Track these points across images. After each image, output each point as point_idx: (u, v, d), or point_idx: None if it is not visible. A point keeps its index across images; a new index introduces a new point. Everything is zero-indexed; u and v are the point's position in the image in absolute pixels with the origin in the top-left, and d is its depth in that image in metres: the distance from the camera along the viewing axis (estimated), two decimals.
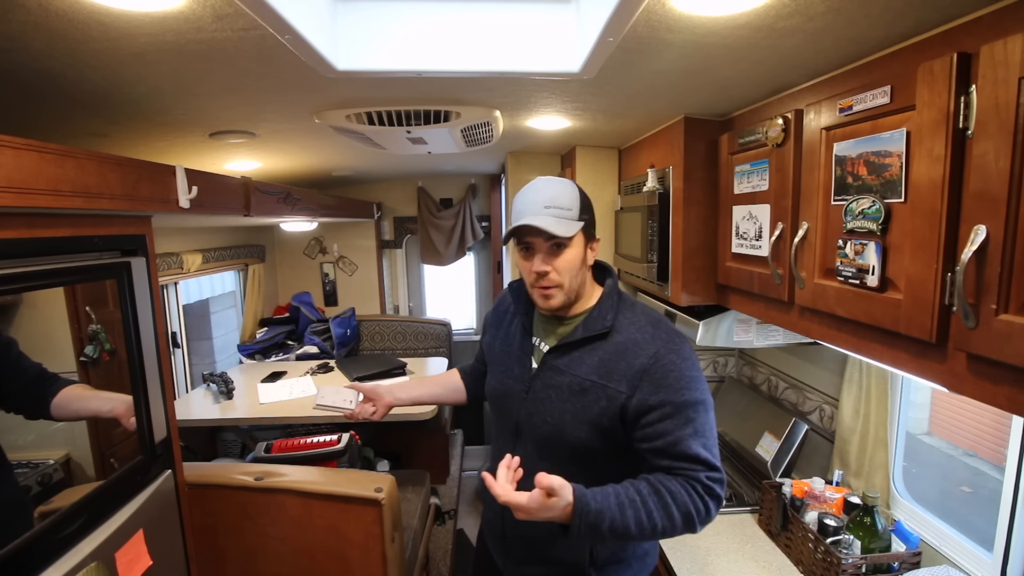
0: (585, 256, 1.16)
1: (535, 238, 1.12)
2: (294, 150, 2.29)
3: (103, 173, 1.10)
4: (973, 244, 0.76)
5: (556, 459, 1.15)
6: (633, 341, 1.12)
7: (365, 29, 1.12)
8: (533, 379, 1.20)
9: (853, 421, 1.65)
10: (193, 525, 1.45)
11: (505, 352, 1.30)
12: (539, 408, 1.18)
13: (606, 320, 1.15)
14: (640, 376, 1.08)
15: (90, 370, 1.18)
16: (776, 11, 0.87)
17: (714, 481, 1.05)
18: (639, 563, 1.28)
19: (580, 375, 1.13)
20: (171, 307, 2.90)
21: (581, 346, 1.15)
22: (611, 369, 1.11)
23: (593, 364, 1.13)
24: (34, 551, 0.97)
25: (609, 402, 1.10)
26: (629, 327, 1.14)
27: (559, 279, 1.13)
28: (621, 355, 1.11)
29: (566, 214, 1.11)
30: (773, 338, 1.73)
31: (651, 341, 1.11)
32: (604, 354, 1.12)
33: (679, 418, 1.06)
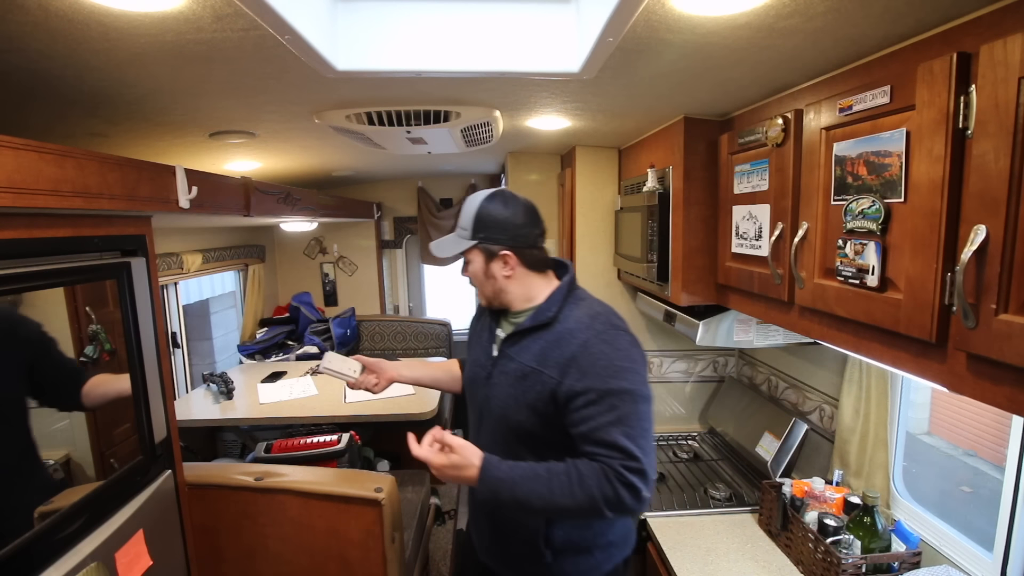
0: (488, 270, 1.28)
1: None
2: (294, 150, 2.29)
3: (103, 173, 1.10)
4: (973, 244, 0.76)
5: (507, 441, 1.26)
6: (568, 330, 1.20)
7: (365, 29, 1.12)
8: (494, 365, 1.32)
9: (853, 421, 1.65)
10: (193, 525, 1.45)
11: (477, 343, 1.44)
12: (494, 392, 1.29)
13: (550, 311, 1.24)
14: (569, 363, 1.16)
15: (90, 370, 1.18)
16: (776, 11, 0.87)
17: (630, 471, 1.08)
18: (603, 553, 1.32)
19: (523, 362, 1.23)
20: (171, 307, 2.90)
21: (528, 335, 1.26)
22: (547, 356, 1.20)
23: (535, 352, 1.22)
24: (34, 551, 0.97)
25: (543, 387, 1.18)
26: (569, 318, 1.23)
27: (475, 284, 1.33)
28: (556, 343, 1.20)
29: (463, 233, 1.29)
30: (773, 338, 1.73)
31: (583, 330, 1.18)
32: (544, 343, 1.22)
33: (602, 405, 1.12)
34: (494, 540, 1.39)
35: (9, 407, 0.97)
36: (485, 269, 1.29)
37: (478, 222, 1.26)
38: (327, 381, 3.07)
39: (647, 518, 1.75)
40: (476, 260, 1.29)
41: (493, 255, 1.27)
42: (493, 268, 1.28)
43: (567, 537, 1.29)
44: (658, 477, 2.08)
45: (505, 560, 1.37)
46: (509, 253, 1.26)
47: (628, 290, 2.59)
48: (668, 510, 1.79)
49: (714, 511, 1.79)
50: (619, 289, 2.59)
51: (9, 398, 0.97)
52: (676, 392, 2.62)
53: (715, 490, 1.89)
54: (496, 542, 1.38)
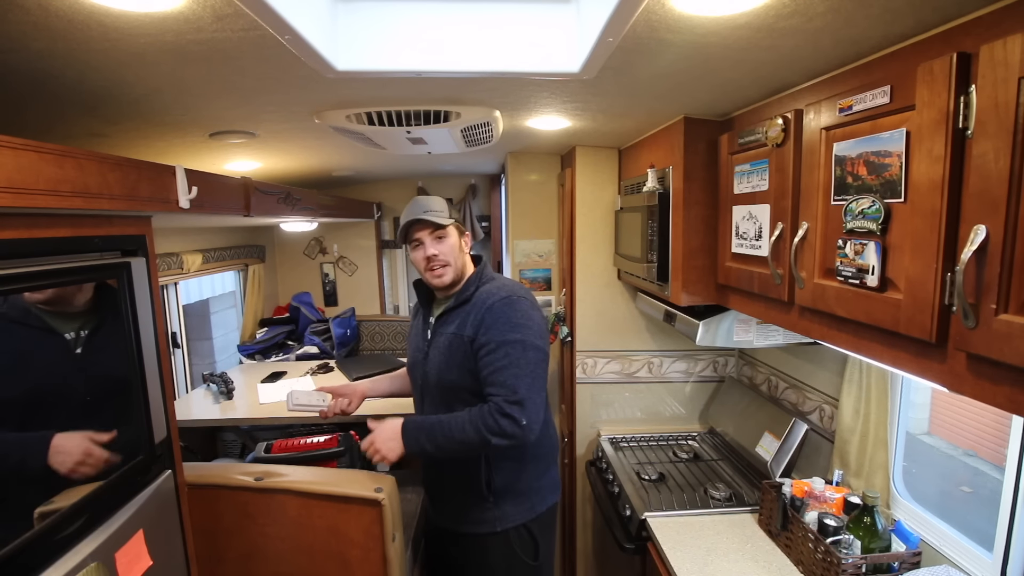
0: (460, 244, 1.61)
1: (421, 232, 1.57)
2: (294, 150, 2.29)
3: (103, 173, 1.10)
4: (973, 244, 0.76)
5: (446, 402, 1.57)
6: (480, 300, 1.53)
7: (365, 29, 1.12)
8: (429, 345, 1.62)
9: (853, 421, 1.65)
10: (193, 525, 1.45)
11: (414, 335, 1.74)
12: (430, 366, 1.59)
13: (470, 289, 1.58)
14: (479, 323, 1.49)
15: None
16: (776, 11, 0.87)
17: (510, 403, 1.39)
18: (536, 496, 1.64)
19: (450, 332, 1.55)
20: (171, 307, 2.90)
21: (453, 311, 1.58)
22: (465, 323, 1.53)
23: (457, 323, 1.55)
24: (34, 551, 0.97)
25: (463, 345, 1.51)
26: (481, 293, 1.56)
27: (446, 258, 1.57)
28: (472, 311, 1.53)
29: (440, 214, 1.57)
30: (773, 338, 1.73)
31: (491, 297, 1.52)
32: (463, 314, 1.55)
33: (499, 353, 1.44)
34: (446, 499, 1.68)
35: None
36: (459, 242, 1.61)
37: (449, 209, 1.61)
38: (327, 381, 3.07)
39: (647, 518, 1.76)
40: (454, 234, 1.60)
41: (460, 233, 1.63)
42: (462, 243, 1.62)
43: (504, 482, 1.59)
44: (658, 477, 2.08)
45: (456, 515, 1.65)
46: (468, 232, 1.68)
47: (628, 290, 2.59)
48: (668, 510, 1.79)
49: (714, 511, 1.79)
50: (619, 289, 2.59)
51: None
52: (676, 392, 2.62)
53: (715, 490, 1.89)
54: (448, 500, 1.67)
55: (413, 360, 1.70)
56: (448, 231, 1.58)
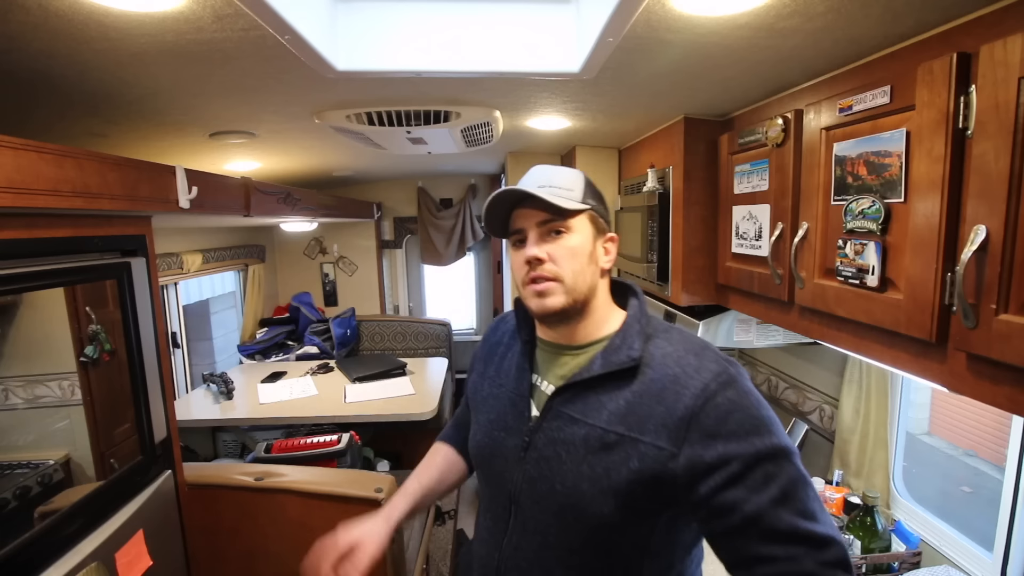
0: (594, 250, 0.89)
1: (526, 220, 0.87)
2: (294, 150, 2.29)
3: (103, 173, 1.11)
4: (973, 244, 0.75)
5: (568, 545, 0.84)
6: (672, 377, 0.81)
7: (365, 29, 1.12)
8: (534, 431, 0.89)
9: (853, 421, 1.65)
10: (193, 525, 1.45)
11: (495, 396, 0.98)
12: (544, 472, 0.86)
13: (633, 349, 0.84)
14: (687, 424, 0.77)
15: (90, 370, 1.18)
16: (776, 11, 0.87)
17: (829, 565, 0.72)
18: None
19: (601, 425, 0.82)
20: (171, 307, 2.90)
21: (600, 385, 0.85)
22: (644, 416, 0.80)
23: (618, 410, 0.82)
24: (34, 551, 0.97)
25: (643, 463, 0.79)
26: (665, 359, 0.83)
27: (557, 270, 0.85)
28: (657, 397, 0.81)
29: (564, 193, 0.86)
30: (773, 338, 1.73)
31: (696, 374, 0.80)
32: (633, 396, 0.82)
33: (753, 479, 0.75)
34: None
35: None
36: (592, 248, 0.88)
37: (591, 188, 0.90)
38: (327, 381, 3.07)
39: None
40: (583, 231, 0.87)
41: (601, 231, 0.91)
42: (597, 251, 0.89)
43: None
44: None
45: None
46: (615, 236, 0.93)
47: None
48: None
49: None
50: None
51: None
52: None
53: None
54: None
55: (493, 446, 0.95)
56: (572, 222, 0.87)
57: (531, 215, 0.87)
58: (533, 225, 0.87)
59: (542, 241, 0.87)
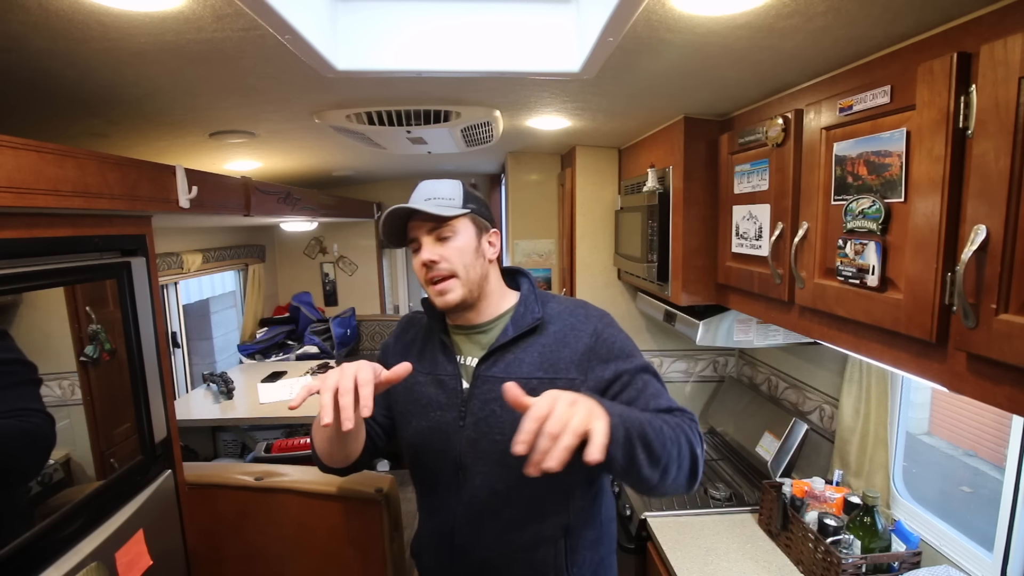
0: (479, 245, 1.06)
1: (418, 230, 1.04)
2: (294, 150, 2.29)
3: (103, 173, 1.11)
4: (973, 244, 0.76)
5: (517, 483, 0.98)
6: (570, 326, 1.06)
7: (365, 29, 1.12)
8: (467, 400, 1.04)
9: (853, 421, 1.65)
10: (193, 525, 1.45)
11: (420, 383, 1.09)
12: (484, 430, 1.02)
13: (535, 313, 1.07)
14: (588, 356, 1.02)
15: (90, 370, 1.18)
16: (776, 11, 0.87)
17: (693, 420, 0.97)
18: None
19: (523, 375, 1.01)
20: (171, 307, 2.90)
21: (514, 346, 1.05)
22: (556, 360, 1.03)
23: (534, 361, 1.03)
24: (34, 551, 0.97)
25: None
26: (561, 314, 1.08)
27: (450, 267, 1.02)
28: (562, 343, 1.04)
29: (446, 203, 1.03)
30: (773, 338, 1.73)
31: (587, 320, 1.06)
32: (544, 348, 1.04)
33: (637, 383, 1.00)
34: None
35: None
36: (477, 243, 1.06)
37: (467, 195, 1.07)
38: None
39: (647, 517, 1.75)
40: (466, 231, 1.04)
41: (483, 229, 1.08)
42: (482, 245, 1.07)
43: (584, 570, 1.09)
44: None
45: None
46: (496, 231, 1.11)
47: (628, 290, 2.59)
48: (668, 510, 1.79)
49: (714, 511, 1.79)
50: (619, 289, 2.59)
51: None
52: (676, 392, 2.62)
53: (715, 490, 1.89)
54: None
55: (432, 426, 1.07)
56: (455, 226, 1.03)
57: (421, 225, 1.04)
58: (424, 233, 1.04)
59: (434, 245, 1.03)
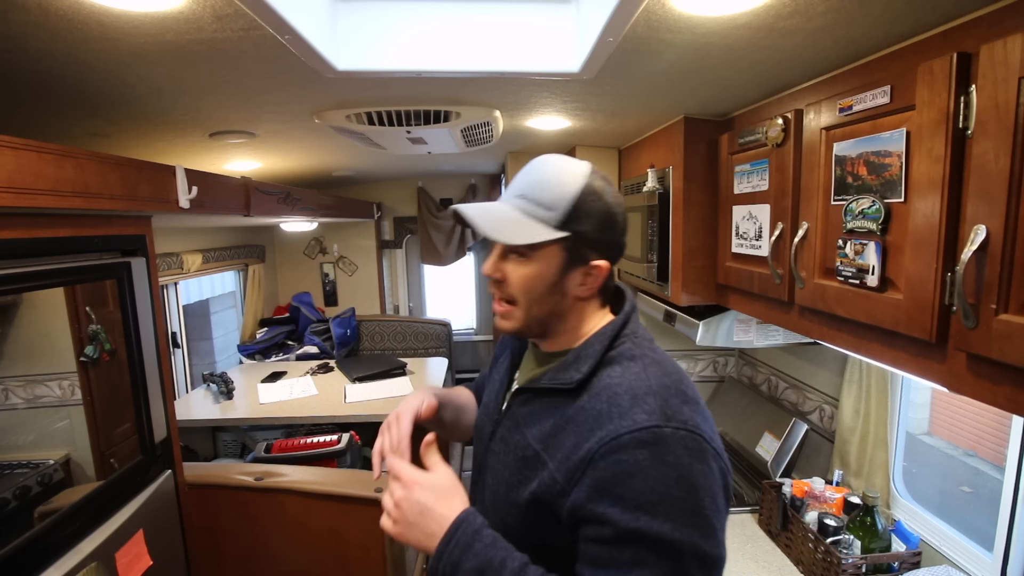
0: (561, 281, 0.78)
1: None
2: (294, 150, 2.29)
3: (103, 173, 1.11)
4: (973, 244, 0.75)
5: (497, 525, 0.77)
6: (596, 413, 0.71)
7: (365, 29, 1.12)
8: (498, 424, 0.88)
9: (853, 421, 1.65)
10: (193, 525, 1.45)
11: (493, 381, 0.98)
12: (491, 462, 0.86)
13: (580, 368, 0.76)
14: (584, 467, 0.68)
15: (90, 370, 1.18)
16: (776, 11, 0.87)
17: None
18: None
19: (528, 439, 0.78)
20: (171, 307, 2.90)
21: (545, 397, 0.80)
22: (559, 443, 0.73)
23: (545, 429, 0.77)
24: (34, 551, 0.97)
25: (541, 488, 0.73)
26: (603, 391, 0.73)
27: (512, 295, 0.80)
28: (578, 428, 0.72)
29: (539, 213, 0.77)
30: (773, 338, 1.73)
31: (617, 418, 0.69)
32: (562, 419, 0.75)
33: (622, 552, 0.64)
34: None
35: None
36: (557, 279, 0.78)
37: (577, 207, 0.77)
38: (327, 381, 3.07)
39: None
40: (549, 261, 0.78)
41: (580, 262, 0.79)
42: (569, 281, 0.79)
43: None
44: None
45: None
46: (603, 264, 0.80)
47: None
48: None
49: None
50: None
51: None
52: None
53: None
54: None
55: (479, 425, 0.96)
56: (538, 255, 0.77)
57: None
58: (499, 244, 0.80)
59: (502, 259, 0.80)
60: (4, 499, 0.99)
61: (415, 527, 0.72)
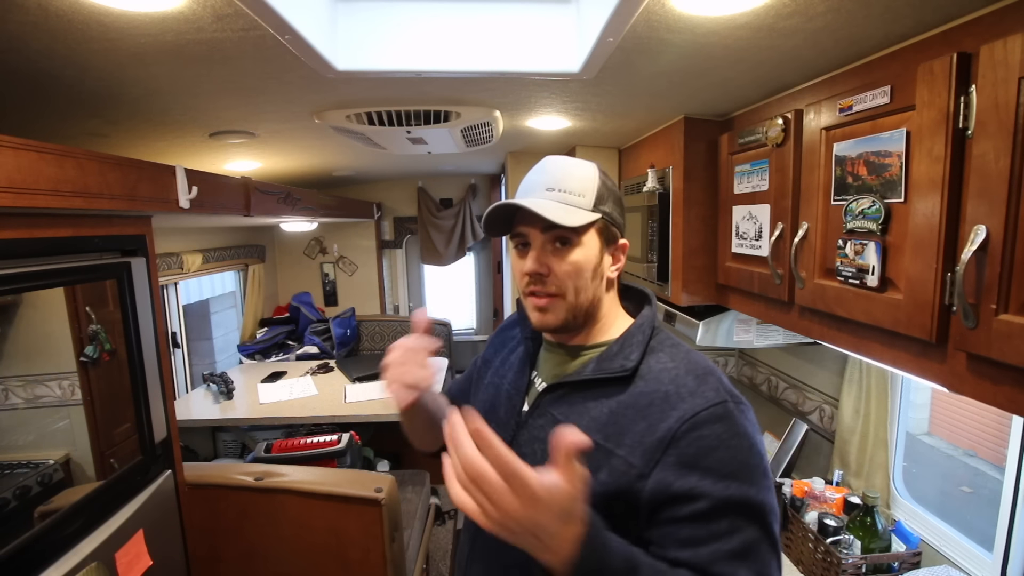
0: (600, 263, 0.83)
1: (530, 228, 0.81)
2: (294, 150, 2.29)
3: (103, 173, 1.11)
4: (973, 244, 0.76)
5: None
6: (663, 395, 0.75)
7: (365, 29, 1.12)
8: (519, 427, 0.86)
9: (853, 421, 1.65)
10: (193, 525, 1.45)
11: (494, 386, 0.96)
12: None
13: (629, 358, 0.79)
14: (665, 446, 0.70)
15: (90, 370, 1.18)
16: (776, 11, 0.87)
17: None
18: None
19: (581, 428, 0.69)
20: (171, 307, 2.90)
21: (589, 390, 0.80)
22: (624, 429, 0.74)
23: (600, 418, 0.77)
24: (34, 551, 0.97)
25: (611, 476, 0.72)
26: (661, 375, 0.77)
27: (558, 286, 0.81)
28: (643, 412, 0.74)
29: (574, 200, 0.80)
30: (773, 338, 1.73)
31: (689, 397, 0.73)
32: (618, 406, 0.77)
33: (719, 523, 0.67)
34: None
35: None
36: (598, 261, 0.82)
37: (604, 191, 0.83)
38: (327, 381, 3.07)
39: None
40: (591, 245, 0.81)
41: (612, 240, 0.84)
42: (605, 262, 0.84)
43: None
44: None
45: None
46: (626, 242, 0.86)
47: None
48: None
49: None
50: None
51: None
52: None
53: None
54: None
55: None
56: (583, 239, 0.81)
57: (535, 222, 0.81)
58: (538, 231, 0.81)
59: (545, 252, 0.81)
60: (4, 499, 0.99)
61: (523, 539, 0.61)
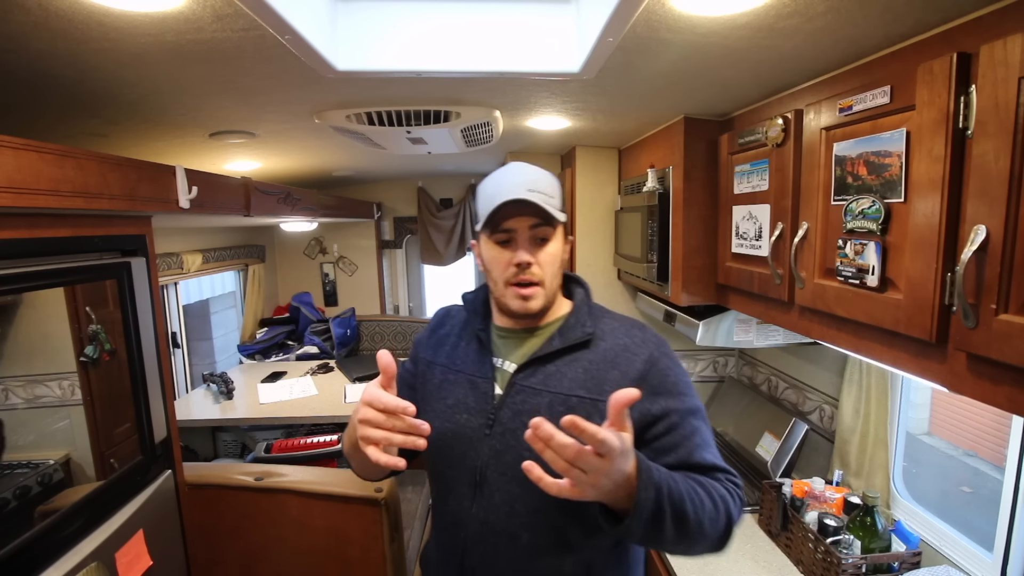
0: (563, 253, 1.00)
1: (518, 222, 0.92)
2: (294, 150, 2.29)
3: (103, 173, 1.11)
4: (973, 244, 0.76)
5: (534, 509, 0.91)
6: (623, 346, 0.96)
7: (365, 29, 1.12)
8: (499, 408, 0.94)
9: (853, 421, 1.65)
10: (193, 525, 1.45)
11: (450, 381, 1.01)
12: (511, 443, 0.92)
13: (586, 326, 0.97)
14: (638, 384, 0.87)
15: (90, 370, 1.18)
16: (776, 11, 0.87)
17: (737, 485, 0.93)
18: None
19: (563, 391, 0.92)
20: (171, 307, 2.90)
21: (557, 358, 0.95)
22: (601, 380, 0.92)
23: (577, 377, 0.93)
24: (34, 551, 0.97)
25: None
26: (614, 332, 0.98)
27: (542, 275, 0.94)
28: (611, 363, 0.94)
29: (551, 201, 0.92)
30: (773, 338, 1.73)
31: (642, 344, 0.96)
32: (590, 364, 0.94)
33: (685, 427, 0.91)
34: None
35: None
36: (563, 252, 1.00)
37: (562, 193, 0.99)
38: (327, 381, 3.07)
39: None
40: (560, 239, 0.98)
41: (566, 235, 1.02)
42: (565, 253, 1.01)
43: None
44: None
45: None
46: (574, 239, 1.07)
47: (628, 290, 2.59)
48: None
49: None
50: (619, 289, 2.59)
51: None
52: None
53: None
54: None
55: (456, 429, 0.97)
56: (557, 232, 0.96)
57: (525, 219, 0.92)
58: (526, 228, 0.93)
59: (531, 246, 0.94)
60: (4, 499, 0.99)
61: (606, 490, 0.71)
